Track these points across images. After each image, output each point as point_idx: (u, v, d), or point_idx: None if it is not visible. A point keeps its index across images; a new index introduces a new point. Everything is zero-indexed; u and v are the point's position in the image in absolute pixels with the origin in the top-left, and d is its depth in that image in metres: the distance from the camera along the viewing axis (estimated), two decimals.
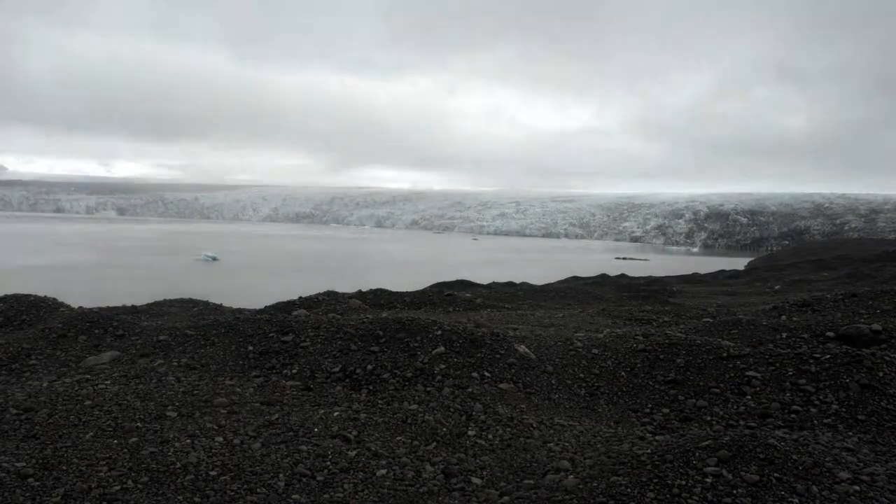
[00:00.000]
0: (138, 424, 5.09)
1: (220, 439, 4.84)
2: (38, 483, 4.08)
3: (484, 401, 5.83)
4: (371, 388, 6.15)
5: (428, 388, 6.09)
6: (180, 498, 4.01)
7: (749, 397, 5.84)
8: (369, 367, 6.51)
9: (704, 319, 10.16)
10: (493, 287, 22.24)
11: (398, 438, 5.03)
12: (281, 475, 4.35)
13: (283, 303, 12.62)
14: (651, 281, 31.81)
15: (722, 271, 42.66)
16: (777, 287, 24.53)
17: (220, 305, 13.25)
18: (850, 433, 4.95)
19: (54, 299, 10.13)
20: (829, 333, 7.82)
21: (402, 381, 6.24)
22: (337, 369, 6.51)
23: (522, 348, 7.01)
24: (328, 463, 4.56)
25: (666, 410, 5.86)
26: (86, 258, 66.67)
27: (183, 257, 73.11)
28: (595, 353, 6.99)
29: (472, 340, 7.01)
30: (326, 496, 4.13)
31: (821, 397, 5.60)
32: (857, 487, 3.60)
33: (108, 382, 6.16)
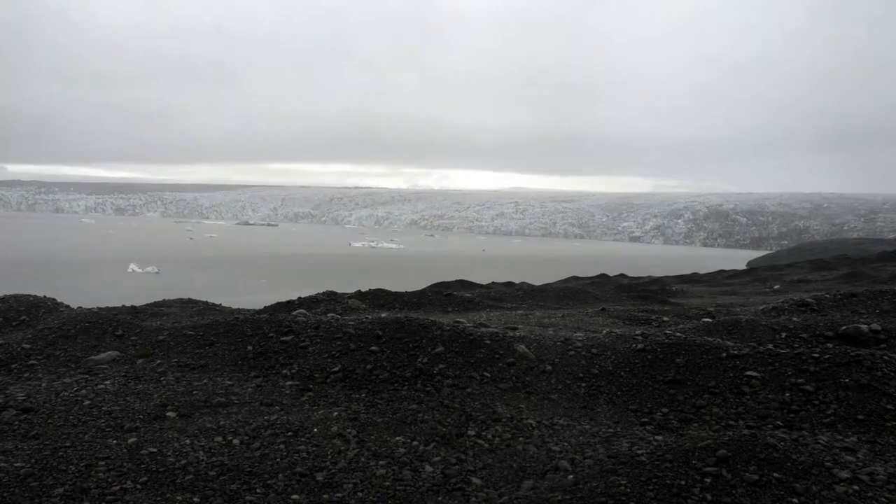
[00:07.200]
0: (137, 424, 5.10)
1: (220, 439, 4.85)
2: (37, 483, 4.08)
3: (483, 400, 5.84)
4: (370, 387, 6.15)
5: (427, 388, 6.09)
6: (179, 498, 4.01)
7: (748, 397, 5.84)
8: (368, 366, 6.51)
9: (704, 319, 10.16)
10: (493, 287, 22.22)
11: (397, 438, 5.03)
12: (280, 475, 4.35)
13: (282, 303, 12.62)
14: (651, 281, 31.81)
15: (721, 271, 42.61)
16: (776, 287, 24.52)
17: (220, 306, 13.24)
18: (850, 433, 4.96)
19: (53, 299, 10.13)
20: (829, 333, 7.82)
21: (401, 381, 6.24)
22: (336, 369, 6.51)
23: (522, 348, 7.01)
24: (327, 463, 4.57)
25: (665, 410, 5.86)
26: None
27: None
28: (594, 353, 6.98)
29: (471, 340, 7.02)
30: (326, 496, 4.13)
31: (820, 397, 5.61)
32: (856, 487, 3.61)
33: (108, 382, 6.16)
